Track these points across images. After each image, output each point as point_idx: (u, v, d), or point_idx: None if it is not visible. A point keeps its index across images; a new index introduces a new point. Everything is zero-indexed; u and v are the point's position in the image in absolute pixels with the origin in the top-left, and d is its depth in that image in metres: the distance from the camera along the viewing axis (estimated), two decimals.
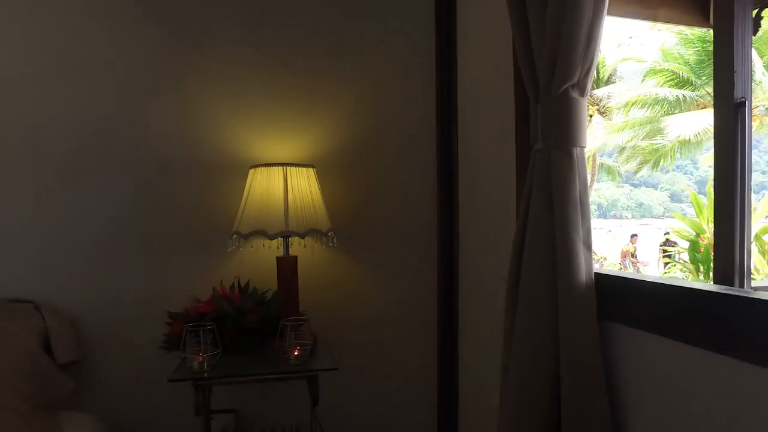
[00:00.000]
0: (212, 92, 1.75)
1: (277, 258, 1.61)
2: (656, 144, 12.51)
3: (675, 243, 9.03)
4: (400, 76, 1.88)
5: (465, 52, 1.76)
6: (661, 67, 11.96)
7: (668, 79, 11.79)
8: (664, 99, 11.59)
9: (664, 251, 9.69)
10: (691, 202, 7.36)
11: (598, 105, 13.35)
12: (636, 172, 14.27)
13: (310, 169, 1.66)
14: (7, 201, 1.62)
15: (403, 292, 1.88)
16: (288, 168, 1.60)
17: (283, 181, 1.57)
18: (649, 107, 11.84)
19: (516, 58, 1.16)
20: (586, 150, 1.03)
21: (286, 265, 1.60)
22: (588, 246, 1.00)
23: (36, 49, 1.64)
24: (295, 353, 1.47)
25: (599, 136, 12.99)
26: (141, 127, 1.70)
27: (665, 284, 0.89)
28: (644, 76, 12.65)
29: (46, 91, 1.64)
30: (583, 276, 0.98)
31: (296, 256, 1.63)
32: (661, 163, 12.70)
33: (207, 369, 1.41)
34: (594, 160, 14.39)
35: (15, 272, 1.61)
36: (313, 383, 1.47)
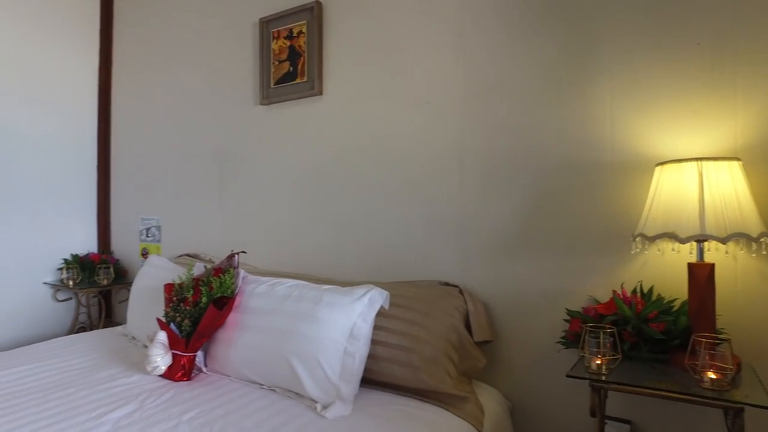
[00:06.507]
0: (609, 91, 1.69)
1: (689, 264, 1.43)
2: None
3: None
4: None
5: None
6: None
7: None
8: None
9: None
10: None
11: None
12: None
13: (734, 163, 1.41)
14: (440, 203, 1.99)
15: None
16: (704, 162, 1.40)
17: (697, 177, 1.39)
18: None
19: None
20: None
21: (701, 274, 1.40)
22: None
23: (461, 76, 1.96)
24: (711, 376, 1.27)
25: None
26: (544, 133, 1.80)
27: None
28: None
29: (468, 110, 1.94)
30: None
31: (713, 264, 1.41)
32: None
33: (605, 372, 1.38)
34: None
35: (447, 260, 1.97)
36: (735, 418, 1.24)
